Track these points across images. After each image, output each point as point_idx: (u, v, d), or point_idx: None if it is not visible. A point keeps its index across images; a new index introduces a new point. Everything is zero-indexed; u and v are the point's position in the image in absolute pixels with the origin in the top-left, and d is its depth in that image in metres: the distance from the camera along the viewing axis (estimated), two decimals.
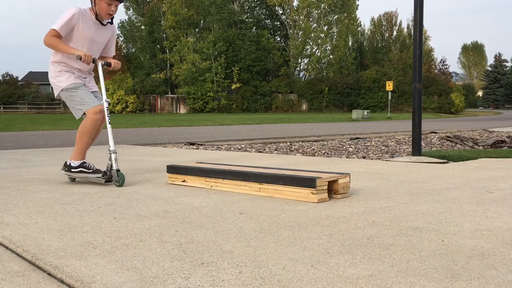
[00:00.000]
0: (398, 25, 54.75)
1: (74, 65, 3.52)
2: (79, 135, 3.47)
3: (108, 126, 3.42)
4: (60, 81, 3.48)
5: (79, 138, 3.47)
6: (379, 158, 5.68)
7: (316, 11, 48.77)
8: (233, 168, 3.18)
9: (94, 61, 3.51)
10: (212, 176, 3.13)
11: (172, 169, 3.39)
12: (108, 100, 3.53)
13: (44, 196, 2.93)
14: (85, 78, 3.63)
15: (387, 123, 17.84)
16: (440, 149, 6.76)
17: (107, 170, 3.33)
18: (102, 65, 3.58)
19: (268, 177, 2.82)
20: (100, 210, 2.49)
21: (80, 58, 3.36)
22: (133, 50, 54.16)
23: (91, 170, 3.45)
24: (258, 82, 45.76)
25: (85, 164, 3.48)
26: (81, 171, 3.45)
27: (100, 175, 3.39)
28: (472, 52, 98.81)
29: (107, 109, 3.48)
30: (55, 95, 3.62)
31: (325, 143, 8.32)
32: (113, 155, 3.30)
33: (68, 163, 3.52)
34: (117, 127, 15.46)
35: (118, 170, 3.28)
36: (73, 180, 3.61)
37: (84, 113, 3.42)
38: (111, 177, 3.32)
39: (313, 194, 2.60)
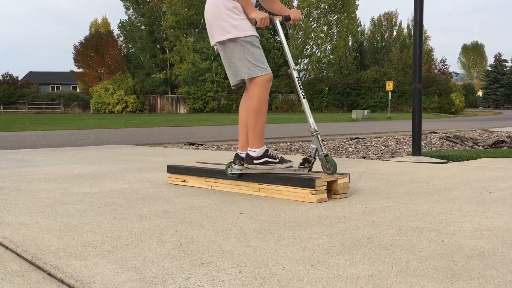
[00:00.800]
0: (398, 25, 54.81)
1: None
2: (255, 113, 2.72)
3: (304, 100, 2.75)
4: (238, 27, 2.65)
5: (256, 117, 2.72)
6: (379, 158, 5.68)
7: (316, 11, 48.80)
8: None
9: (271, 21, 2.76)
10: (212, 176, 3.13)
11: (173, 169, 3.39)
12: (297, 68, 2.83)
13: (44, 196, 2.93)
14: None
15: (387, 123, 17.83)
16: (440, 149, 6.76)
17: (310, 156, 2.69)
18: (281, 22, 2.84)
19: (267, 177, 2.82)
20: (100, 210, 2.49)
21: (255, 23, 2.66)
22: (133, 50, 54.17)
23: (278, 160, 2.79)
24: None
25: (269, 153, 2.79)
26: (266, 162, 2.75)
27: (289, 164, 2.76)
28: (472, 52, 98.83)
29: (298, 79, 2.78)
30: (216, 40, 2.75)
31: (325, 143, 8.32)
32: (317, 136, 2.67)
33: (246, 154, 2.79)
34: (117, 127, 15.46)
35: (326, 155, 2.65)
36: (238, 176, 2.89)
37: (251, 79, 2.67)
38: (312, 164, 2.69)
39: (312, 194, 2.60)
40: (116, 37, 53.09)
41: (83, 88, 52.53)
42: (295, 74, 2.79)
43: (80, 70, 51.59)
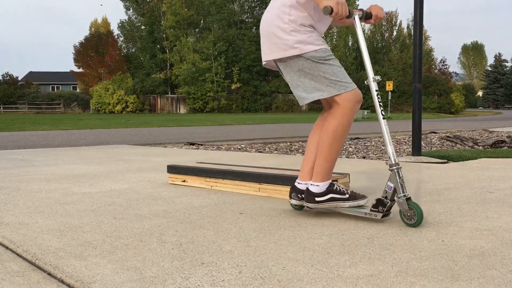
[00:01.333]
0: (398, 25, 54.80)
1: (310, 22, 2.20)
2: (331, 137, 2.19)
3: (383, 122, 2.18)
4: (303, 41, 2.14)
5: (331, 143, 2.19)
6: (379, 158, 5.68)
7: None
8: (233, 168, 3.18)
9: (350, 13, 2.16)
10: (212, 176, 3.13)
11: (173, 169, 3.39)
12: (378, 77, 2.22)
13: (44, 196, 2.93)
14: None
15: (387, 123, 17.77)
16: (440, 149, 6.76)
17: (385, 197, 2.09)
18: (361, 18, 2.27)
19: (267, 177, 2.82)
20: (100, 210, 2.49)
21: (331, 12, 2.05)
22: (133, 50, 54.18)
23: (348, 195, 2.23)
24: (258, 82, 45.76)
25: (334, 187, 2.24)
26: (332, 199, 2.22)
27: (363, 201, 2.21)
28: (472, 52, 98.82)
29: (378, 93, 2.19)
30: (273, 57, 2.23)
31: None
32: (397, 172, 2.06)
33: (307, 190, 2.26)
34: (117, 127, 15.46)
35: (408, 198, 2.04)
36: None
37: (333, 99, 2.16)
38: (390, 209, 2.11)
39: None
40: (116, 37, 53.11)
41: (83, 88, 52.54)
42: (374, 86, 2.18)
43: (80, 70, 51.59)
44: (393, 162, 2.08)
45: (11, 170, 4.32)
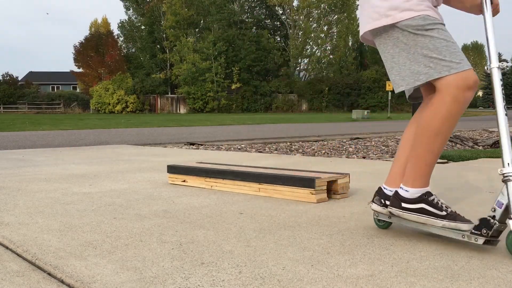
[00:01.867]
0: None
1: None
2: (431, 131, 1.70)
3: (504, 118, 1.69)
4: (398, 7, 1.70)
5: (430, 137, 1.71)
6: (379, 158, 5.68)
7: (316, 11, 48.85)
8: (233, 168, 3.18)
9: None
10: (212, 176, 3.13)
11: (173, 169, 3.39)
12: (506, 63, 1.78)
13: (44, 196, 2.93)
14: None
15: (387, 123, 17.83)
16: None
17: (492, 217, 1.60)
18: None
19: (267, 177, 2.82)
20: (100, 210, 2.49)
21: None
22: (133, 50, 54.20)
23: (444, 212, 1.73)
24: (258, 82, 45.79)
25: (431, 198, 1.77)
26: (422, 210, 1.76)
27: (466, 226, 1.65)
28: (472, 52, 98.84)
29: (502, 83, 1.68)
30: (364, 29, 1.82)
31: (325, 143, 8.32)
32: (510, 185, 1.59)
33: (395, 192, 1.85)
34: (117, 127, 15.46)
35: None
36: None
37: (434, 83, 1.68)
38: (498, 234, 1.61)
39: (312, 194, 2.60)
40: (116, 37, 53.13)
41: (83, 88, 52.56)
42: (497, 74, 1.69)
43: (80, 70, 51.61)
44: (509, 172, 1.59)
45: (11, 170, 4.32)
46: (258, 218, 2.26)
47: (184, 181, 3.31)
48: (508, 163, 1.63)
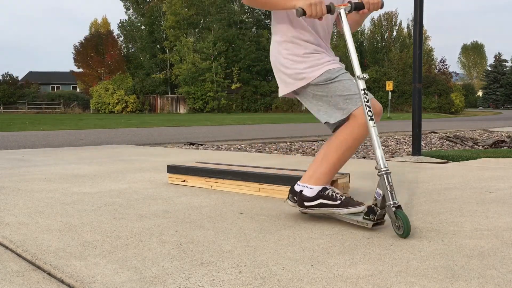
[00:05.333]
0: (398, 25, 54.79)
1: (306, 37, 2.14)
2: (336, 147, 2.12)
3: (371, 125, 1.98)
4: (305, 70, 2.11)
5: (335, 150, 2.12)
6: None
7: None
8: (233, 168, 3.18)
9: (329, 10, 2.00)
10: (212, 176, 3.13)
11: (173, 169, 3.39)
12: (366, 75, 2.01)
13: (44, 196, 2.93)
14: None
15: (387, 123, 17.83)
16: (440, 149, 6.76)
17: (375, 204, 1.96)
18: (348, 12, 2.10)
19: (267, 177, 2.82)
20: (100, 210, 2.49)
21: (303, 13, 1.94)
22: (133, 50, 54.20)
23: (338, 201, 2.07)
24: (258, 82, 45.79)
25: (326, 192, 2.11)
26: (320, 205, 2.11)
27: (356, 209, 2.03)
28: (472, 52, 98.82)
29: (364, 92, 1.99)
30: (285, 91, 2.21)
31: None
32: (385, 178, 1.92)
33: (300, 192, 2.17)
34: (117, 127, 15.46)
35: (397, 207, 1.88)
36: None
37: (348, 116, 2.09)
38: (382, 217, 1.96)
39: None
40: (116, 37, 53.12)
41: (83, 88, 52.57)
42: (361, 84, 1.99)
43: (80, 70, 51.62)
44: (382, 167, 1.93)
45: (11, 170, 4.32)
46: (258, 218, 2.26)
47: (184, 181, 3.31)
48: (381, 160, 1.96)
